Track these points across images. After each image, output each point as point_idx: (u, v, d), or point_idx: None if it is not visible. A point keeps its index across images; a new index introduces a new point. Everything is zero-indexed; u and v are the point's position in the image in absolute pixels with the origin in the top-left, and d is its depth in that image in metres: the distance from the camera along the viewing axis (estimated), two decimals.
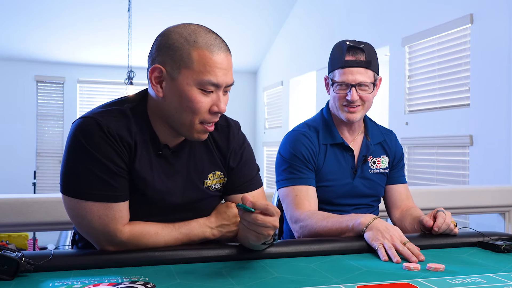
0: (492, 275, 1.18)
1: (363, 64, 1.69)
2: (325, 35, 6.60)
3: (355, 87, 1.69)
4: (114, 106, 1.26)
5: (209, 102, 1.21)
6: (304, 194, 1.69)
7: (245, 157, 1.40)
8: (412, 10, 4.90)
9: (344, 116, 1.74)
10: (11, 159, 8.21)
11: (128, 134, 1.22)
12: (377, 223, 1.43)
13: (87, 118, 1.21)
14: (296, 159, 1.73)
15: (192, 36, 1.18)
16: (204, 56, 1.17)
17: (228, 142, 1.37)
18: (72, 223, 1.31)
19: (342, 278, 1.13)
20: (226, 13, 7.53)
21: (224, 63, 1.20)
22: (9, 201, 1.98)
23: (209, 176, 1.35)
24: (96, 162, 1.18)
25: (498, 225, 2.83)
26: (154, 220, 1.28)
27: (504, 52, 3.77)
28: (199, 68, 1.17)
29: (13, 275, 1.07)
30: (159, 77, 1.20)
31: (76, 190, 1.19)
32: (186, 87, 1.18)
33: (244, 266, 1.21)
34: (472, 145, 4.07)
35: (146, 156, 1.25)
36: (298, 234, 1.64)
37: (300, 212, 1.65)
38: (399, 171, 1.89)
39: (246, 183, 1.40)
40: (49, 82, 8.60)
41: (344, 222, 1.50)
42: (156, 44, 1.22)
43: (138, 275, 1.12)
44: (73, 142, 1.20)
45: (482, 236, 1.53)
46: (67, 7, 7.01)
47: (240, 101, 9.45)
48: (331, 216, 1.57)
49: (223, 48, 1.21)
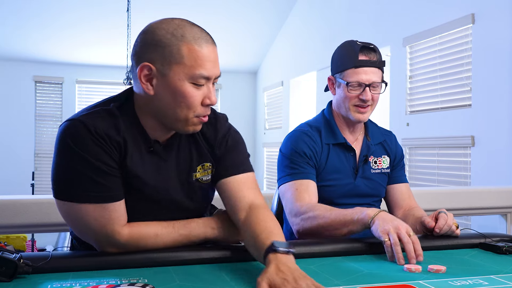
0: (493, 276, 1.17)
1: (377, 64, 1.72)
2: (325, 35, 6.60)
3: (368, 87, 1.70)
4: (99, 106, 1.25)
5: (201, 95, 1.21)
6: (305, 188, 1.68)
7: (230, 143, 1.38)
8: (413, 10, 4.89)
9: (354, 117, 1.74)
10: (9, 160, 8.20)
11: (117, 133, 1.21)
12: (383, 214, 1.42)
13: (73, 121, 1.20)
14: (297, 155, 1.73)
15: (179, 31, 1.18)
16: (193, 50, 1.18)
17: (216, 133, 1.37)
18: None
19: (343, 280, 1.12)
20: (226, 13, 7.53)
21: (212, 55, 1.21)
22: (7, 202, 1.97)
23: (198, 169, 1.34)
24: (87, 163, 1.17)
25: (500, 226, 2.82)
26: (152, 217, 1.28)
27: (506, 52, 3.76)
28: (190, 63, 1.17)
29: (11, 277, 1.06)
30: (149, 75, 1.20)
31: (69, 193, 1.18)
32: (178, 83, 1.18)
33: (244, 268, 1.21)
34: (473, 146, 4.06)
35: (138, 153, 1.25)
36: (299, 227, 1.62)
37: (300, 205, 1.64)
38: (399, 170, 1.90)
39: (233, 167, 1.36)
40: (48, 83, 8.59)
41: (349, 215, 1.49)
42: (141, 42, 1.21)
43: (137, 277, 1.11)
44: (61, 146, 1.19)
45: (484, 238, 1.52)
46: (65, 7, 7.01)
47: (240, 102, 9.45)
48: (334, 209, 1.56)
49: (210, 41, 1.22)
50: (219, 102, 9.36)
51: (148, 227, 1.25)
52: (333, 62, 1.80)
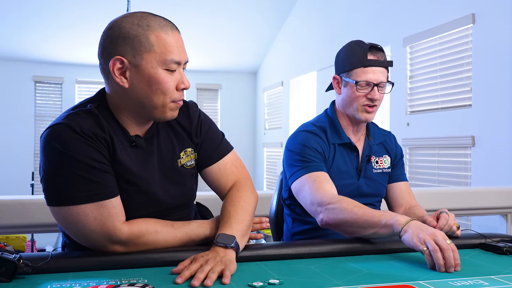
0: (494, 277, 1.17)
1: (385, 64, 1.72)
2: (325, 35, 6.59)
3: (377, 86, 1.70)
4: (77, 108, 1.26)
5: (175, 80, 1.25)
6: (323, 178, 1.64)
7: (204, 130, 1.44)
8: (413, 10, 4.90)
9: (361, 116, 1.74)
10: (9, 160, 8.21)
11: (102, 130, 1.22)
12: (416, 223, 1.32)
13: (56, 125, 1.20)
14: (308, 149, 1.70)
15: (143, 21, 1.22)
16: (161, 37, 1.21)
17: (190, 120, 1.41)
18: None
19: (343, 280, 1.12)
20: (226, 13, 7.53)
21: (179, 41, 1.25)
22: (7, 203, 1.97)
23: (181, 155, 1.38)
24: (77, 164, 1.16)
25: (500, 226, 2.82)
26: (145, 211, 1.30)
27: (506, 52, 3.76)
28: (160, 50, 1.21)
29: (11, 277, 1.06)
30: (121, 68, 1.21)
31: (65, 198, 1.17)
32: (152, 70, 1.21)
33: (244, 268, 1.20)
34: (474, 146, 4.06)
35: (123, 149, 1.27)
36: (323, 216, 1.54)
37: (323, 194, 1.58)
38: (399, 169, 1.90)
39: (214, 153, 1.44)
40: (47, 83, 8.60)
41: (377, 217, 1.40)
42: (108, 38, 1.23)
43: (137, 277, 1.11)
44: (49, 151, 1.18)
45: (484, 238, 1.52)
46: (65, 7, 7.01)
47: (240, 102, 9.45)
48: (363, 207, 1.48)
49: (174, 28, 1.26)
50: (219, 102, 9.36)
51: (148, 224, 1.26)
52: (339, 61, 1.79)
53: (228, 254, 1.19)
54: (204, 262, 1.13)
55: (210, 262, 1.12)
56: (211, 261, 1.13)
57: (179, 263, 1.17)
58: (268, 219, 1.53)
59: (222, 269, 1.11)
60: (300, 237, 1.81)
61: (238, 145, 1.72)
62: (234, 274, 1.14)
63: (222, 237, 1.23)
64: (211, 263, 1.12)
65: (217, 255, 1.17)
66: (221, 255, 1.18)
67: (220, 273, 1.10)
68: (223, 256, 1.17)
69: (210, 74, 9.15)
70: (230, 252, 1.20)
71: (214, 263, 1.12)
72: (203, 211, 1.64)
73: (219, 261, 1.14)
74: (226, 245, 1.21)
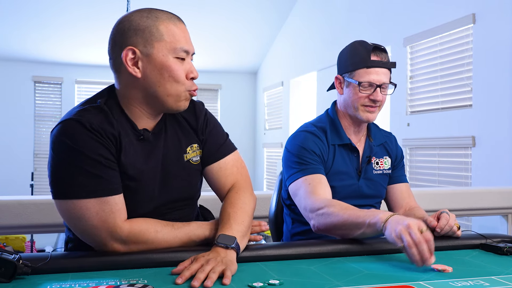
0: (494, 277, 1.17)
1: (388, 65, 1.72)
2: (326, 35, 6.59)
3: (379, 87, 1.70)
4: (87, 104, 1.29)
5: (184, 70, 1.29)
6: (318, 182, 1.65)
7: (209, 128, 1.46)
8: (413, 10, 4.89)
9: (363, 116, 1.74)
10: (8, 161, 8.19)
11: (111, 126, 1.25)
12: (394, 217, 1.32)
13: (67, 121, 1.22)
14: (306, 151, 1.70)
15: (152, 14, 1.27)
16: (170, 27, 1.27)
17: (196, 117, 1.44)
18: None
19: (343, 281, 1.12)
20: (226, 13, 7.53)
21: (186, 32, 1.31)
22: (6, 203, 1.97)
23: (188, 150, 1.40)
24: (85, 158, 1.19)
25: (501, 227, 2.82)
26: (151, 206, 1.31)
27: (506, 52, 3.76)
28: (169, 39, 1.26)
29: (10, 278, 1.06)
30: (133, 59, 1.25)
31: (70, 191, 1.20)
32: (163, 58, 1.25)
33: (244, 269, 1.20)
34: (474, 146, 4.05)
35: (130, 144, 1.28)
36: (314, 222, 1.56)
37: (314, 200, 1.59)
38: (400, 170, 1.90)
39: (217, 151, 1.46)
40: (47, 83, 8.58)
41: (361, 217, 1.40)
42: (118, 32, 1.27)
43: (137, 277, 1.11)
44: (58, 145, 1.21)
45: (485, 238, 1.52)
46: (65, 7, 7.00)
47: (240, 102, 9.44)
48: (350, 208, 1.49)
49: (181, 20, 1.32)
50: (219, 102, 9.36)
51: (148, 223, 1.27)
52: (342, 61, 1.79)
53: (229, 254, 1.19)
54: (205, 262, 1.13)
55: (211, 262, 1.13)
56: (212, 261, 1.13)
57: (179, 264, 1.16)
58: (267, 223, 1.54)
59: (223, 270, 1.11)
60: (300, 237, 1.81)
61: (238, 145, 1.74)
62: (234, 275, 1.14)
63: (223, 237, 1.24)
64: (212, 263, 1.12)
65: (218, 256, 1.17)
66: (222, 255, 1.18)
67: (220, 273, 1.10)
68: (224, 257, 1.17)
69: (210, 74, 9.15)
70: (231, 252, 1.21)
71: (215, 263, 1.13)
72: (205, 214, 1.64)
73: (220, 262, 1.14)
74: (227, 245, 1.21)
